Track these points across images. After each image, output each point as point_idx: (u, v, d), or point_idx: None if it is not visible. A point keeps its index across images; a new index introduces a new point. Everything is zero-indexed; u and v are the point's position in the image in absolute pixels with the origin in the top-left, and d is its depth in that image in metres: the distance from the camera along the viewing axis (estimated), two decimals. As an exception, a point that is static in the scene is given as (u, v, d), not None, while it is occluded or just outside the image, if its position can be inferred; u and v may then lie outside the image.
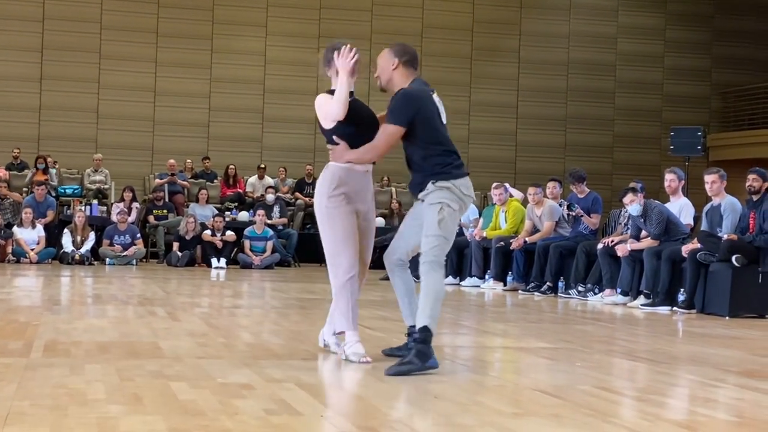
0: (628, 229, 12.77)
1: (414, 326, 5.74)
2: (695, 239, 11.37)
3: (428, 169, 5.80)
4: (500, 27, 25.24)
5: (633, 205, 12.06)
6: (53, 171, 21.54)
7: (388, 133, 5.78)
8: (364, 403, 4.51)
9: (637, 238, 12.19)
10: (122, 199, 20.02)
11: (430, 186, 5.79)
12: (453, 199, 5.78)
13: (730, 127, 26.32)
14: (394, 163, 23.97)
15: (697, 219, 12.47)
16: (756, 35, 26.53)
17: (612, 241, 12.51)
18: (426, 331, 5.53)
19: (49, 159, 21.41)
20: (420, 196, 5.88)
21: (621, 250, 12.08)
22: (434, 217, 5.74)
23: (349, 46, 5.87)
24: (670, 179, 12.52)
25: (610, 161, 25.80)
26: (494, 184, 15.31)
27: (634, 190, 12.19)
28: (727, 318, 10.53)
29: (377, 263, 6.61)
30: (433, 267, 5.69)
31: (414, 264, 5.91)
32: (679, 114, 25.77)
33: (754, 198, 11.04)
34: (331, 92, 5.94)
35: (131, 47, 23.56)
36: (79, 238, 18.27)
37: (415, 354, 5.46)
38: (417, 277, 5.77)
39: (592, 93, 25.57)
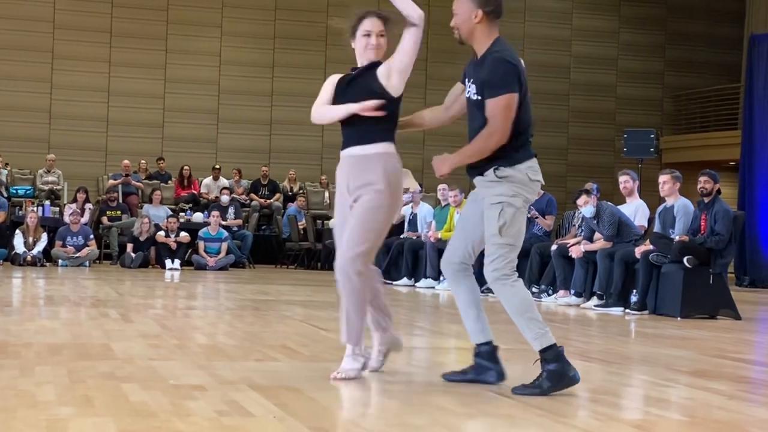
0: (581, 230, 12.84)
1: (482, 343, 5.29)
2: (647, 240, 11.45)
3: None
4: (455, 29, 25.26)
5: (586, 206, 12.12)
6: (5, 171, 21.33)
7: (504, 105, 4.98)
8: (317, 405, 4.50)
9: (591, 239, 12.26)
10: (75, 200, 19.86)
11: (490, 174, 5.11)
12: (515, 192, 5.05)
13: (682, 129, 26.56)
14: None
15: (651, 221, 12.55)
16: (708, 39, 26.78)
17: (567, 243, 12.58)
18: (546, 351, 5.00)
19: (0, 159, 21.20)
20: (477, 181, 5.19)
21: (575, 252, 12.14)
22: (494, 222, 5.06)
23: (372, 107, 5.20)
24: (624, 181, 12.54)
25: (565, 163, 25.95)
26: (444, 186, 15.54)
27: (587, 192, 12.26)
28: (678, 319, 10.61)
29: (333, 263, 6.56)
30: (501, 281, 5.05)
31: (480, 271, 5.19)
32: (633, 116, 25.97)
33: (706, 200, 11.14)
34: (349, 72, 5.47)
35: (84, 47, 23.38)
36: (31, 239, 18.09)
37: (546, 377, 4.96)
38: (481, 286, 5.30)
39: (547, 95, 25.66)
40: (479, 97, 5.11)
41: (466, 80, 5.26)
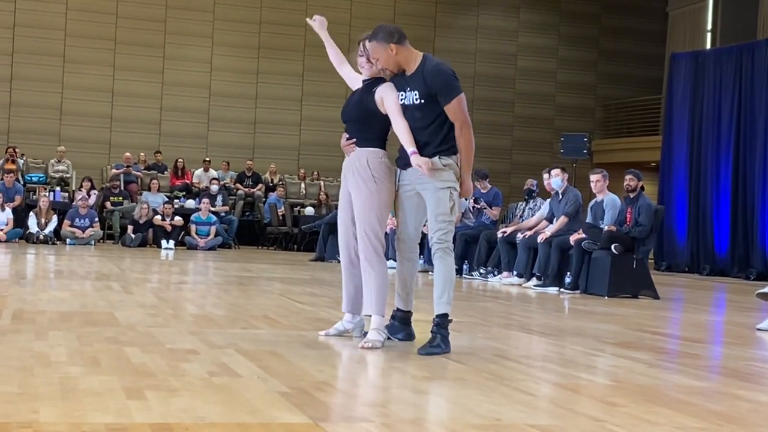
0: (522, 219, 12.89)
1: (401, 310, 5.67)
2: (580, 230, 11.50)
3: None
4: (416, 45, 25.25)
5: (556, 178, 12.00)
6: (21, 161, 21.15)
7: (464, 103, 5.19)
8: (295, 367, 4.50)
9: (551, 220, 12.15)
10: (81, 188, 19.76)
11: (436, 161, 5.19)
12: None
13: (611, 134, 26.70)
14: (324, 160, 23.95)
15: (583, 213, 12.59)
16: (634, 56, 26.92)
17: (505, 232, 12.63)
18: (446, 317, 5.27)
19: (17, 150, 21.01)
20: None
21: (542, 238, 11.86)
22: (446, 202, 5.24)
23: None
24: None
25: (509, 162, 26.02)
26: None
27: (563, 169, 12.17)
28: (606, 298, 10.68)
29: (308, 246, 6.54)
30: (447, 252, 5.32)
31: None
32: (569, 122, 26.07)
33: (631, 195, 11.21)
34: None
35: (92, 53, 23.19)
36: (43, 221, 17.98)
37: (441, 339, 5.21)
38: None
39: (495, 102, 25.74)
40: (422, 101, 5.22)
41: (404, 90, 5.30)
